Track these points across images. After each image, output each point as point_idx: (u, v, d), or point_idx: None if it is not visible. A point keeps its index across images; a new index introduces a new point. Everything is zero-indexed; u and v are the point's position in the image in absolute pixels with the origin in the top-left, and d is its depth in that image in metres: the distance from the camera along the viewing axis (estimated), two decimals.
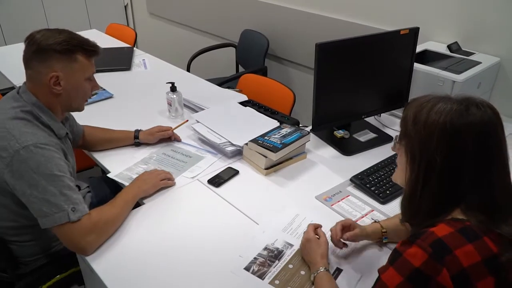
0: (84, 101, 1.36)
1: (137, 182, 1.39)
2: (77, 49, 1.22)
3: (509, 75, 1.94)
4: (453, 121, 0.81)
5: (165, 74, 2.43)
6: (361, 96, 1.75)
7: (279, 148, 1.53)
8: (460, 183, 0.82)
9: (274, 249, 1.21)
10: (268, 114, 1.92)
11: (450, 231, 0.78)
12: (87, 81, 1.31)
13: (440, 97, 0.86)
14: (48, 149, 1.15)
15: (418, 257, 0.76)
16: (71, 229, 1.13)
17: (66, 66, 1.22)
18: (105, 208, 1.25)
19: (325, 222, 1.31)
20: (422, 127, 0.84)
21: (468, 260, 0.75)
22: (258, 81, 2.37)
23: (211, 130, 1.74)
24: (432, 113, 0.83)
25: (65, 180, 1.15)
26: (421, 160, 0.85)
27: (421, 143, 0.84)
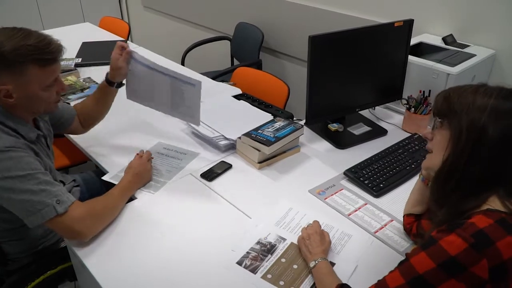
0: (49, 104, 1.23)
1: (133, 177, 1.38)
2: (26, 60, 1.07)
3: (504, 68, 1.93)
4: (505, 99, 0.82)
5: None
6: (355, 89, 1.73)
7: (272, 141, 1.51)
8: (507, 162, 0.82)
9: (267, 243, 1.20)
10: (262, 107, 1.90)
11: (490, 222, 0.77)
12: (47, 89, 1.17)
13: (477, 84, 0.88)
14: (15, 150, 1.09)
15: (456, 246, 0.76)
16: (63, 221, 1.11)
17: (15, 79, 1.09)
18: (101, 197, 1.25)
19: (318, 216, 1.30)
20: (470, 105, 0.83)
21: (508, 252, 0.75)
22: (252, 74, 2.36)
23: (204, 124, 1.73)
24: (480, 92, 0.84)
25: (40, 176, 1.11)
26: (468, 136, 0.83)
27: (469, 121, 0.83)
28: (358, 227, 1.28)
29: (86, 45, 2.72)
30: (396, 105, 1.93)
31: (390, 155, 1.58)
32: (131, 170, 1.40)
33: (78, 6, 4.27)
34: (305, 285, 1.07)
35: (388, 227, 1.27)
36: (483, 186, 0.84)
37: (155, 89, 1.52)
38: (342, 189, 1.44)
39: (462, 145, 0.84)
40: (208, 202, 1.39)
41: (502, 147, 0.82)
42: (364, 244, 1.21)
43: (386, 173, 1.48)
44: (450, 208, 0.88)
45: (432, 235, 0.80)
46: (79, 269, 1.27)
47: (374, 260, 1.16)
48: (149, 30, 4.37)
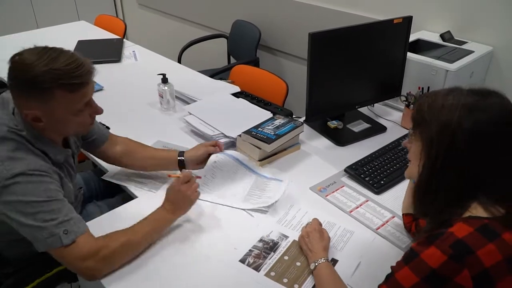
0: (82, 128, 1.17)
1: (167, 206, 1.20)
2: (52, 86, 1.00)
3: (502, 64, 1.94)
4: (472, 105, 0.80)
5: (156, 66, 2.40)
6: (354, 86, 1.73)
7: (273, 139, 1.51)
8: (482, 170, 0.80)
9: (269, 241, 1.20)
10: (261, 105, 1.90)
11: (470, 231, 0.76)
12: (78, 114, 1.09)
13: (450, 88, 0.86)
14: (37, 175, 1.04)
15: (436, 259, 0.75)
16: (66, 253, 1.04)
17: (43, 104, 1.03)
18: (121, 232, 1.11)
19: (320, 213, 1.30)
20: (439, 110, 0.82)
21: (489, 260, 0.74)
22: (251, 72, 2.35)
23: (203, 122, 1.72)
24: (450, 98, 0.82)
25: (53, 204, 1.04)
26: (439, 146, 0.81)
27: (439, 126, 0.81)
28: (360, 224, 1.28)
29: (82, 43, 2.71)
30: (395, 102, 1.93)
31: (390, 151, 1.58)
32: (165, 197, 1.22)
33: (72, 4, 4.24)
34: (309, 282, 1.07)
35: (390, 223, 1.27)
36: (462, 194, 0.83)
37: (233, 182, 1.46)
38: (343, 186, 1.44)
39: (434, 153, 0.83)
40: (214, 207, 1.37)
41: (476, 149, 0.80)
42: (366, 241, 1.21)
43: (387, 169, 1.48)
44: (433, 218, 0.88)
45: (413, 248, 0.80)
46: None
47: (376, 257, 1.16)
48: (145, 28, 4.34)
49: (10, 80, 1.03)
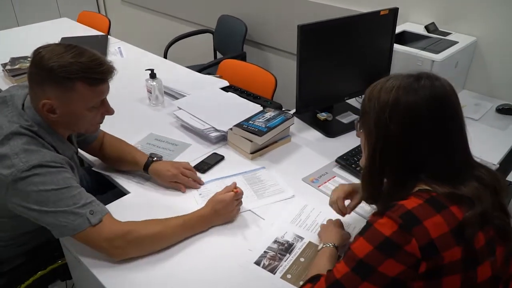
0: (92, 126, 1.21)
1: (209, 213, 1.20)
2: (76, 78, 1.05)
3: (485, 54, 1.98)
4: (405, 88, 0.83)
5: (143, 62, 2.37)
6: (343, 78, 1.75)
7: (264, 132, 1.52)
8: (416, 150, 0.84)
9: (284, 242, 1.17)
10: (250, 99, 1.90)
11: (419, 202, 0.80)
12: (92, 110, 1.14)
13: (393, 74, 0.89)
14: (54, 166, 1.06)
15: (388, 227, 0.78)
16: (94, 233, 1.06)
17: (61, 94, 1.07)
18: (150, 222, 1.13)
19: (313, 204, 1.32)
20: (376, 101, 0.86)
21: (436, 231, 0.77)
22: (239, 67, 2.35)
23: (194, 117, 1.72)
24: (385, 88, 0.86)
25: (74, 191, 1.07)
26: (377, 133, 0.86)
27: (376, 117, 0.86)
28: (353, 213, 1.29)
29: (66, 41, 2.66)
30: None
31: None
32: (211, 203, 1.22)
33: (53, 1, 4.16)
34: None
35: None
36: (404, 176, 0.86)
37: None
38: (335, 176, 1.46)
39: (374, 140, 0.87)
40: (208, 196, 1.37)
41: (409, 129, 0.83)
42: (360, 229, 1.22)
43: None
44: (382, 202, 0.92)
45: (368, 220, 0.84)
46: (75, 266, 1.25)
47: None
48: (129, 24, 4.29)
49: (33, 68, 1.06)
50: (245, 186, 1.41)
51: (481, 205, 0.80)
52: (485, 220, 0.80)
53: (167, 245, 1.14)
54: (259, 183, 1.43)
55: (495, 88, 2.00)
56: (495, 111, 1.90)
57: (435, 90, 0.83)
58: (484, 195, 0.82)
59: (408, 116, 0.82)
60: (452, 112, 0.84)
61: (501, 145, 1.66)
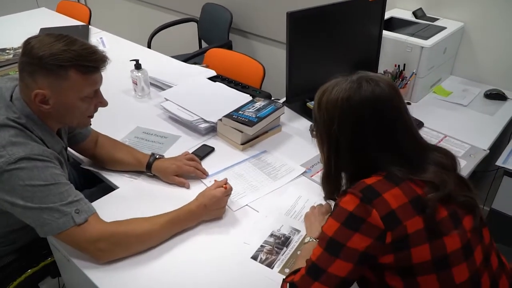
0: (84, 119, 1.16)
1: (198, 208, 1.16)
2: (69, 66, 1.02)
3: (473, 40, 1.98)
4: (349, 99, 0.87)
5: (126, 52, 2.31)
6: (332, 65, 1.73)
7: (255, 122, 1.49)
8: (368, 153, 0.88)
9: (281, 236, 1.16)
10: (238, 88, 1.87)
11: (378, 178, 0.85)
12: (86, 100, 1.10)
13: (339, 80, 0.92)
14: (42, 160, 1.03)
15: (351, 203, 0.83)
16: (78, 233, 1.02)
17: (54, 84, 1.03)
18: (137, 221, 1.10)
19: (307, 194, 1.30)
20: (324, 110, 0.91)
21: (396, 201, 0.81)
22: (225, 56, 2.31)
23: (182, 108, 1.68)
24: (331, 95, 0.89)
25: (61, 187, 1.03)
26: (328, 141, 0.92)
27: (325, 125, 0.91)
28: None
29: (45, 31, 2.57)
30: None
31: None
32: (201, 198, 1.18)
33: None
34: None
35: None
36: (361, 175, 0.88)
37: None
38: None
39: (327, 153, 0.94)
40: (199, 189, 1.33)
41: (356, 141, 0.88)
42: None
43: None
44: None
45: (336, 203, 0.88)
46: (63, 264, 1.22)
47: None
48: (110, 14, 4.18)
49: (24, 57, 1.03)
50: (255, 171, 1.41)
51: (445, 189, 0.84)
52: (449, 199, 0.84)
53: (155, 244, 1.12)
54: (268, 166, 1.43)
55: (482, 74, 2.01)
56: (483, 96, 1.91)
57: (376, 95, 0.87)
58: (446, 178, 0.86)
59: (355, 124, 0.87)
60: (396, 113, 0.88)
61: (490, 130, 1.67)
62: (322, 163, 0.99)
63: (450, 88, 1.98)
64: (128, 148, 1.43)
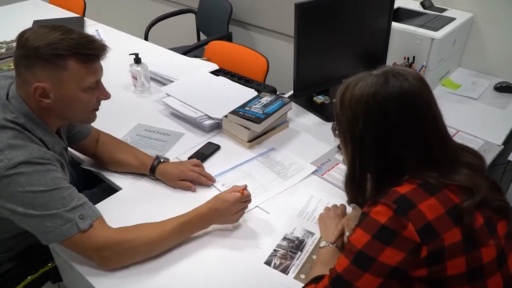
0: (88, 113, 1.11)
1: (208, 211, 1.09)
2: (67, 55, 0.96)
3: (482, 31, 1.93)
4: (374, 94, 0.81)
5: (124, 45, 2.23)
6: (340, 58, 1.67)
7: (262, 118, 1.43)
8: (395, 153, 0.82)
9: (294, 239, 1.11)
10: (242, 83, 1.81)
11: (412, 187, 0.78)
12: (88, 91, 1.04)
13: (362, 75, 0.86)
14: (42, 163, 0.97)
15: (383, 214, 0.77)
16: (83, 240, 0.97)
17: (53, 75, 0.97)
18: (145, 227, 1.04)
19: (319, 194, 1.26)
20: (347, 107, 0.84)
21: (432, 212, 0.75)
22: (227, 48, 2.23)
23: (184, 104, 1.62)
24: (355, 91, 0.83)
25: (64, 192, 0.98)
26: (352, 140, 0.86)
27: (348, 124, 0.85)
28: None
29: (38, 24, 2.48)
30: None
31: None
32: (212, 201, 1.11)
33: None
34: None
35: None
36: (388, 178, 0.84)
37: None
38: (338, 164, 1.39)
39: (351, 154, 0.87)
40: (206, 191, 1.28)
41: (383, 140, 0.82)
42: None
43: None
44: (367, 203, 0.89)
45: (363, 211, 0.82)
46: (65, 269, 1.16)
47: None
48: (105, 5, 4.07)
49: (20, 51, 0.97)
50: (263, 170, 1.35)
51: (480, 194, 0.79)
52: (483, 204, 0.79)
53: (164, 250, 1.07)
54: (277, 164, 1.38)
55: (491, 66, 1.96)
56: (493, 89, 1.86)
57: (405, 90, 0.81)
58: (480, 182, 0.81)
59: (381, 121, 0.82)
60: (425, 109, 0.83)
61: (502, 124, 1.62)
62: (346, 164, 0.93)
63: (458, 81, 1.93)
64: (131, 148, 1.36)
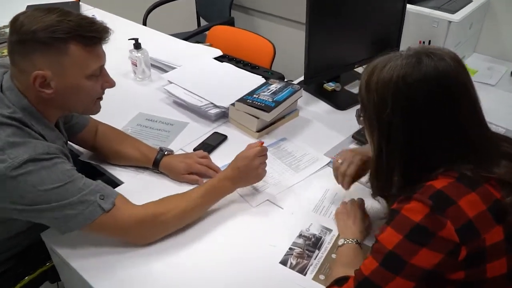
0: (92, 103, 1.03)
1: (231, 172, 1.07)
2: (68, 38, 0.88)
3: (498, 14, 1.84)
4: (405, 77, 0.73)
5: (123, 31, 2.09)
6: (352, 43, 1.57)
7: (273, 106, 1.35)
8: (427, 141, 0.75)
9: (311, 236, 1.03)
10: (248, 69, 1.72)
11: (449, 181, 0.71)
12: (92, 78, 0.96)
13: (390, 56, 0.77)
14: (48, 159, 0.89)
15: (418, 211, 0.69)
16: (108, 221, 0.93)
17: (54, 61, 0.89)
18: (170, 200, 1.02)
19: (335, 187, 1.17)
20: (374, 91, 0.76)
21: (472, 210, 0.68)
22: (231, 34, 2.13)
23: (188, 91, 1.52)
24: (383, 74, 0.75)
25: (77, 182, 0.91)
26: (379, 127, 0.78)
27: (375, 109, 0.77)
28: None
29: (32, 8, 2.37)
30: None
31: None
32: (232, 163, 1.09)
33: None
34: None
35: None
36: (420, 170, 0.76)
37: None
38: None
39: (378, 142, 0.79)
40: None
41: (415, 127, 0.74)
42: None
43: None
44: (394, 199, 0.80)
45: (393, 208, 0.74)
46: (63, 268, 1.10)
47: None
48: None
49: (14, 36, 0.88)
50: (275, 161, 1.27)
51: None
52: None
53: (193, 220, 1.05)
54: (289, 156, 1.30)
55: (508, 51, 1.87)
56: (511, 75, 1.77)
57: (441, 71, 0.72)
58: None
59: (413, 106, 0.73)
60: (462, 90, 0.74)
61: None
62: (372, 153, 0.84)
63: (474, 67, 1.84)
64: (132, 140, 1.27)
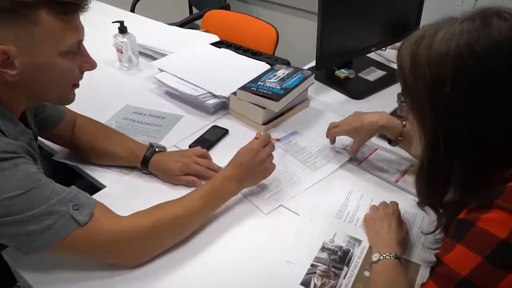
0: (68, 88, 0.82)
1: (233, 170, 0.90)
2: (38, 3, 0.70)
3: None
4: (470, 45, 0.55)
5: (108, 17, 1.90)
6: (368, 26, 1.40)
7: (282, 94, 1.15)
8: (501, 129, 0.57)
9: (336, 249, 0.84)
10: (249, 55, 1.53)
11: None
12: (68, 56, 0.77)
13: (443, 22, 0.60)
14: (8, 158, 0.70)
15: (503, 224, 0.52)
16: (85, 237, 0.73)
17: (20, 33, 0.71)
18: (165, 206, 0.83)
19: (359, 188, 1.00)
20: (425, 68, 0.58)
21: None
22: (228, 18, 1.94)
23: (181, 80, 1.33)
24: (436, 44, 0.58)
25: (46, 188, 0.72)
26: (437, 119, 0.60)
27: (428, 90, 0.59)
28: (413, 196, 0.97)
29: None
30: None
31: None
32: (234, 158, 0.92)
33: None
34: None
35: None
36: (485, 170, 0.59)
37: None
38: (377, 149, 1.13)
39: (432, 135, 0.61)
40: None
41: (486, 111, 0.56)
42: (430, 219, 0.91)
43: None
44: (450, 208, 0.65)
45: (461, 219, 0.57)
46: None
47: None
48: None
49: None
50: (287, 159, 1.08)
51: None
52: None
53: (193, 230, 0.86)
54: (302, 152, 1.11)
55: None
56: None
57: None
58: None
59: (483, 82, 0.55)
60: None
61: None
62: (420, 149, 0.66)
63: None
64: (117, 134, 1.07)
